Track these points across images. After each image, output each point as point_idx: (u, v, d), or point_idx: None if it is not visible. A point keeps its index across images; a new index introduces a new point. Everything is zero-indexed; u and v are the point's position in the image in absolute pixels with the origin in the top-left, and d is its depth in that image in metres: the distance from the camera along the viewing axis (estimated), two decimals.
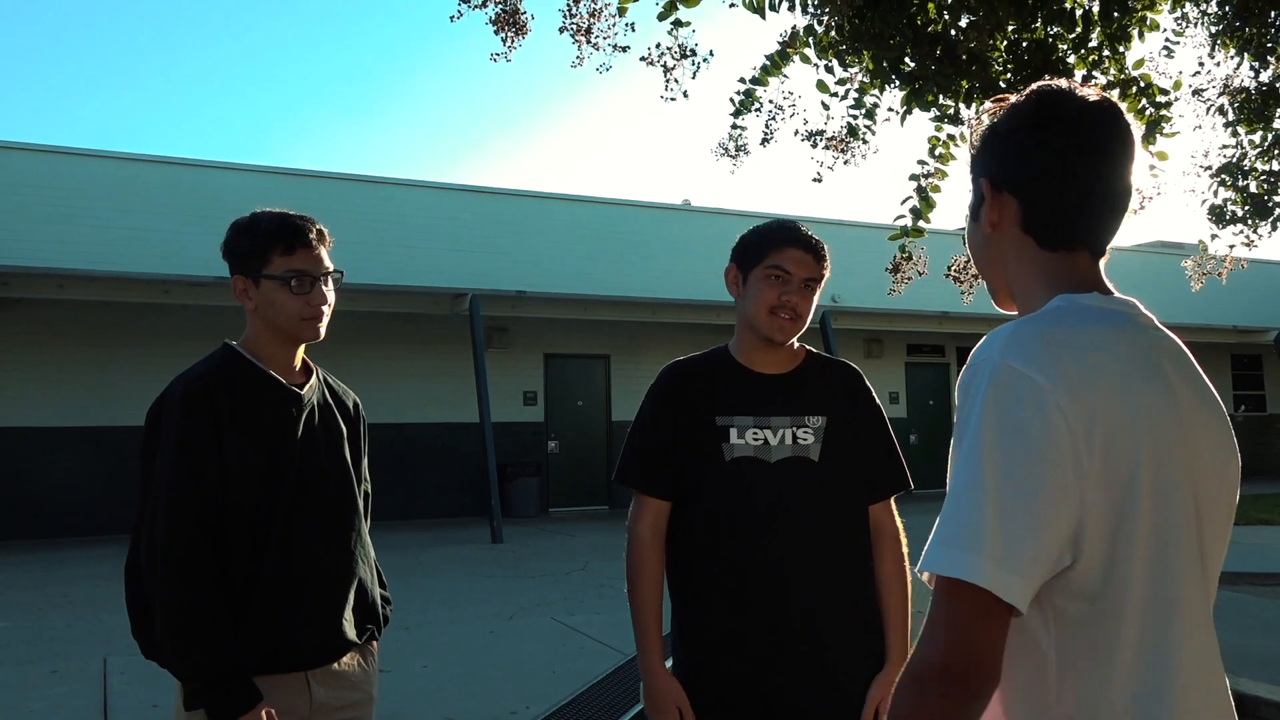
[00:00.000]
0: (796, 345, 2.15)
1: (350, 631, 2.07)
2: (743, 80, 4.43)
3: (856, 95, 4.39)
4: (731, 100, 4.47)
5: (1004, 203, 1.23)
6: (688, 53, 3.95)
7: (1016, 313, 1.27)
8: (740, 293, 2.11)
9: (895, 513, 2.15)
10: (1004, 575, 1.00)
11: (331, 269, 2.09)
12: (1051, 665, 1.08)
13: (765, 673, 2.00)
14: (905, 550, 2.13)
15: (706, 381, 2.12)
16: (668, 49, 3.96)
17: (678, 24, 3.90)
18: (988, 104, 1.30)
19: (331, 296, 2.10)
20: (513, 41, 3.78)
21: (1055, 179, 1.19)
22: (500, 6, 3.68)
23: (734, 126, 4.56)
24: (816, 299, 2.11)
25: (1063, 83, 1.23)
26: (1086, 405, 1.05)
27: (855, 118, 4.51)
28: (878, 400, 2.19)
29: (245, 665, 1.87)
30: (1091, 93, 1.21)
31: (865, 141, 4.56)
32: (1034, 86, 1.24)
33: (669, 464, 2.11)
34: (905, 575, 2.10)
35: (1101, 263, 1.24)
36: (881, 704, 2.01)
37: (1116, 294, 1.21)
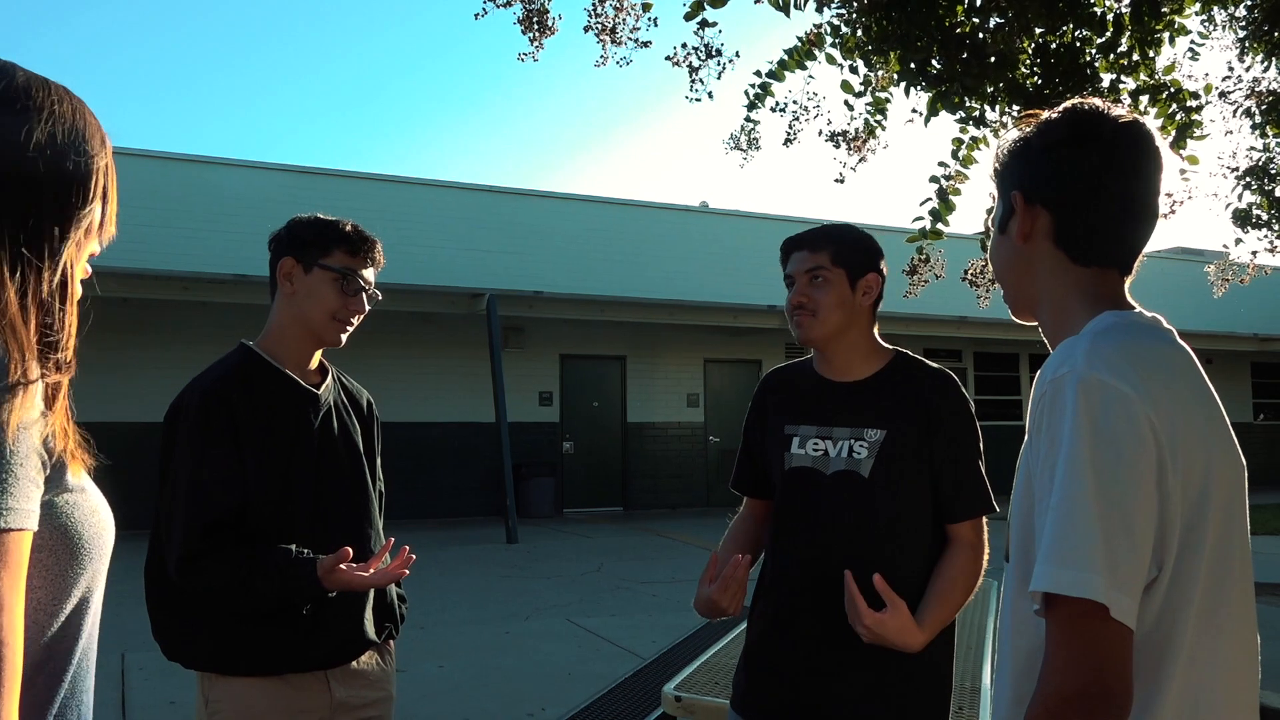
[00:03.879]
0: (885, 348, 2.07)
1: (370, 630, 2.08)
2: (758, 74, 4.40)
3: (878, 95, 4.36)
4: (746, 93, 4.43)
5: (1036, 215, 1.25)
6: (713, 53, 3.93)
7: (1037, 325, 1.30)
8: None
9: (982, 532, 1.96)
10: (1115, 594, 1.00)
11: (373, 288, 2.13)
12: None
13: (784, 687, 1.97)
14: (984, 564, 1.95)
15: (788, 389, 2.12)
16: (694, 49, 3.94)
17: (704, 24, 3.88)
18: (1016, 118, 1.31)
19: (366, 310, 2.12)
20: (539, 41, 3.77)
21: (1090, 195, 1.22)
22: (526, 6, 3.68)
23: (747, 119, 4.53)
24: (843, 286, 2.00)
25: (1096, 102, 1.26)
26: (1168, 418, 1.06)
27: (870, 114, 4.48)
28: (964, 412, 1.99)
29: (286, 562, 1.89)
30: (1124, 112, 1.24)
31: (875, 136, 4.53)
32: (1067, 104, 1.26)
33: (752, 464, 2.17)
34: (970, 574, 1.92)
35: (1128, 282, 1.26)
36: (874, 619, 1.78)
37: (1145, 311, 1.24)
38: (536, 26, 3.72)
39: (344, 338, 2.10)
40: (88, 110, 1.03)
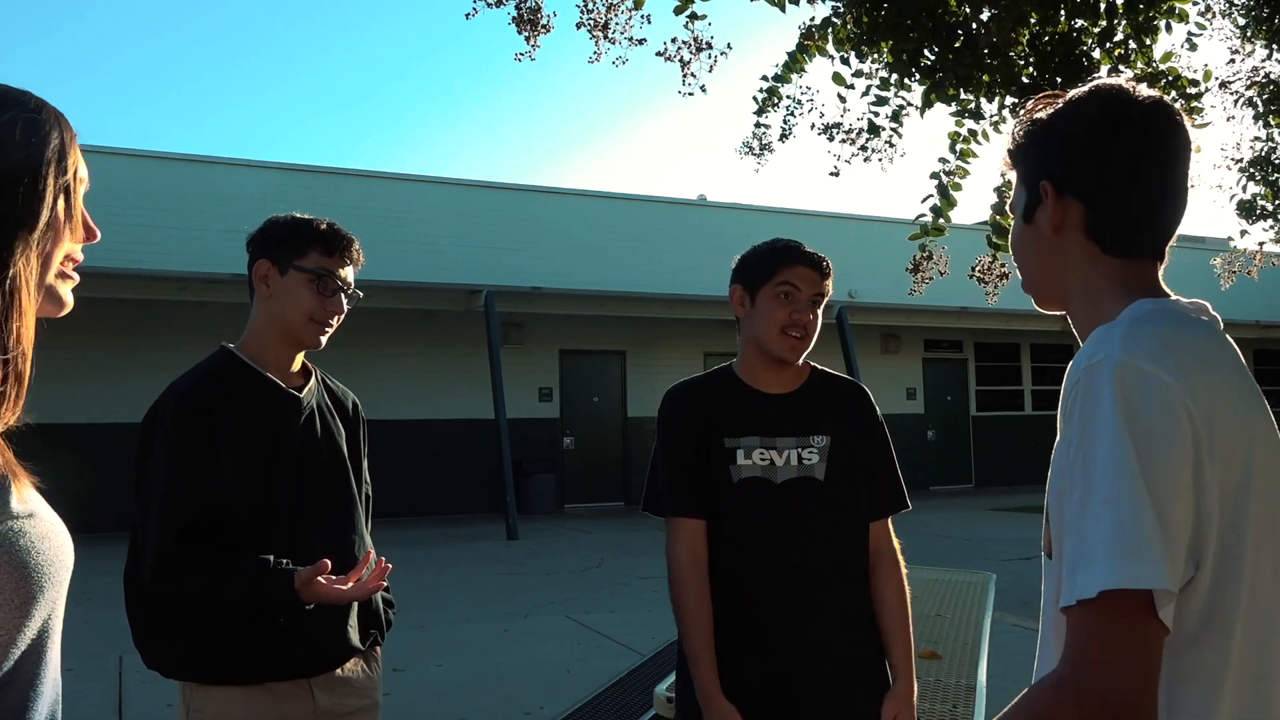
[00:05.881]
0: (802, 363, 2.12)
1: (354, 637, 2.04)
2: (765, 78, 4.41)
3: (879, 93, 4.32)
4: (755, 99, 4.44)
5: (1068, 206, 1.18)
6: (704, 45, 3.90)
7: (1068, 316, 1.24)
8: (747, 313, 2.08)
9: (892, 532, 2.13)
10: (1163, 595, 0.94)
11: (353, 288, 2.10)
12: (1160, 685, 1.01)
13: (777, 695, 1.97)
14: (904, 571, 2.12)
15: (712, 403, 2.09)
16: (684, 43, 3.91)
17: (694, 17, 3.85)
18: (1038, 100, 1.24)
19: (345, 310, 2.09)
20: (534, 40, 3.74)
21: (1126, 185, 1.15)
22: (519, 5, 3.65)
23: (757, 125, 4.53)
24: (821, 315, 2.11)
25: (1121, 81, 1.20)
26: (1206, 407, 1.01)
27: (876, 115, 4.45)
28: (880, 417, 2.17)
29: (261, 570, 1.85)
30: (1150, 92, 1.18)
31: (892, 145, 4.51)
32: (1093, 85, 1.20)
33: (697, 482, 2.04)
34: (906, 594, 2.09)
35: (1161, 269, 1.21)
36: None
37: (1182, 299, 1.18)
38: (530, 25, 3.69)
39: (324, 339, 2.07)
40: (45, 105, 0.98)
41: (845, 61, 4.18)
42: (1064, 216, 1.19)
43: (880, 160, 4.50)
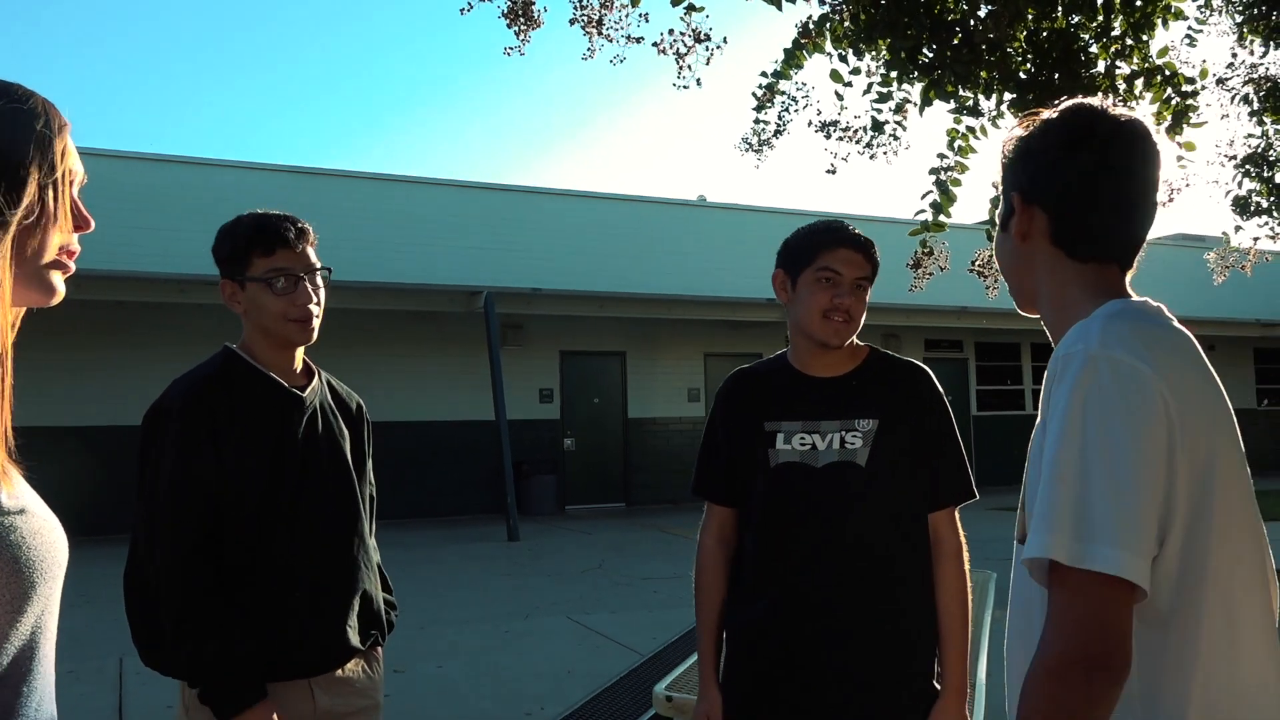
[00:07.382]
0: (859, 344, 2.09)
1: (354, 638, 2.03)
2: (764, 74, 4.41)
3: (881, 90, 4.32)
4: (754, 94, 4.44)
5: (1034, 215, 1.29)
6: (701, 37, 3.89)
7: (1040, 318, 1.35)
8: (790, 298, 2.06)
9: (958, 524, 2.02)
10: (1134, 559, 1.02)
11: (318, 266, 2.05)
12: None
13: (799, 682, 1.95)
14: (967, 566, 2.01)
15: (761, 388, 2.10)
16: (680, 35, 3.90)
17: (691, 9, 3.84)
18: (1019, 115, 1.34)
19: (321, 295, 2.05)
20: (525, 35, 3.73)
21: (1084, 197, 1.26)
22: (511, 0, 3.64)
23: (756, 120, 4.54)
24: (868, 298, 2.07)
25: (1094, 102, 1.31)
26: (1180, 397, 1.09)
27: (879, 111, 4.44)
28: (945, 402, 2.07)
29: (252, 664, 1.85)
30: (1123, 112, 1.29)
31: (896, 138, 4.51)
32: (1067, 105, 1.32)
33: (724, 470, 2.10)
34: (966, 595, 1.98)
35: (1129, 275, 1.31)
36: None
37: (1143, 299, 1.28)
38: (522, 20, 3.68)
39: (312, 331, 2.04)
40: (33, 95, 0.97)
41: (843, 59, 4.19)
42: (1030, 225, 1.30)
43: (885, 154, 4.51)
